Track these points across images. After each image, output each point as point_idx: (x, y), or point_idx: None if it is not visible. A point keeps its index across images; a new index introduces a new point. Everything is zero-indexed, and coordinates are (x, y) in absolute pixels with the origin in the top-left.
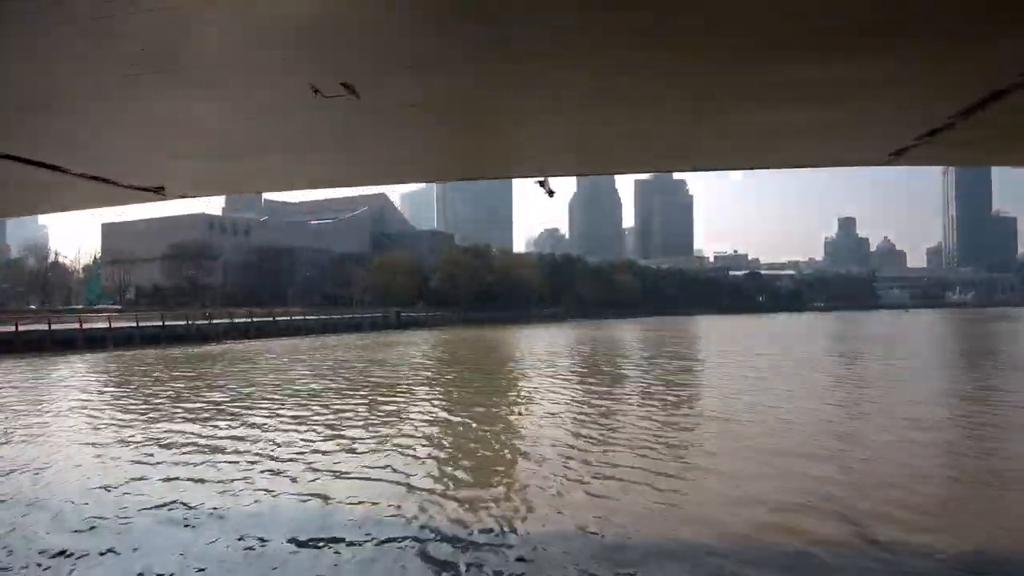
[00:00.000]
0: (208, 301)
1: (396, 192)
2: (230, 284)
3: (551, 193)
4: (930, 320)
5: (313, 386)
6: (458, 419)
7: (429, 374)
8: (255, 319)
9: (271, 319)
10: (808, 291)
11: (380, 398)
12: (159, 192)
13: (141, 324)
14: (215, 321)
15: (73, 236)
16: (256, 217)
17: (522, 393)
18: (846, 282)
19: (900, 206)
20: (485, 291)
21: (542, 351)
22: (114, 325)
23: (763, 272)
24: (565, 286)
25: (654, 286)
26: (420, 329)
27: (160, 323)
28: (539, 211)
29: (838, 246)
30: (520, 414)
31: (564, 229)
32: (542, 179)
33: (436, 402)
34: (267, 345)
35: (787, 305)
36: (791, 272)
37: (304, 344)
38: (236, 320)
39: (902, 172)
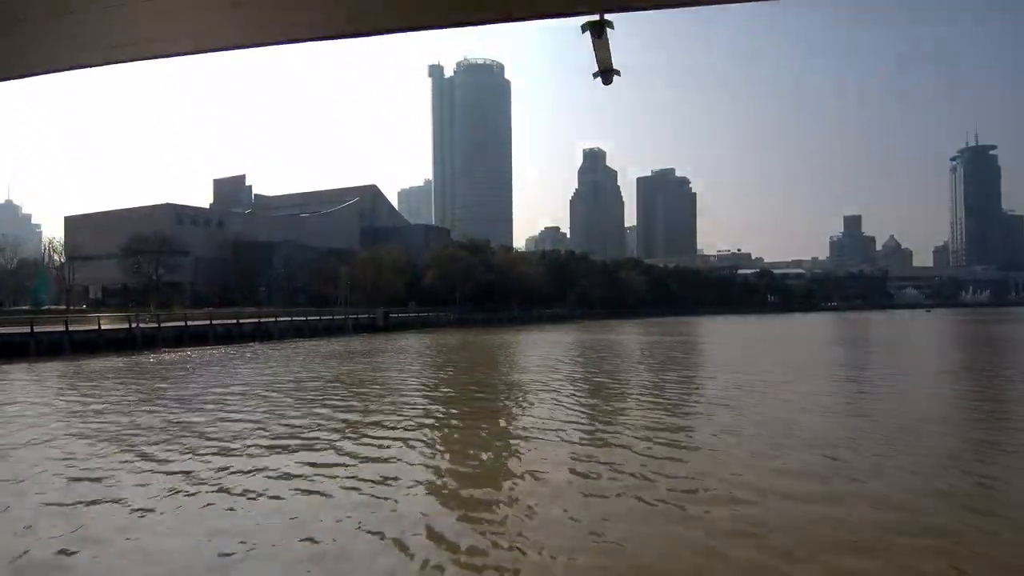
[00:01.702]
0: (171, 301)
1: (392, 190)
2: (201, 282)
3: (608, 77)
4: (967, 322)
5: (204, 436)
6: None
7: (398, 416)
8: (215, 322)
9: (235, 322)
10: (820, 290)
11: (299, 468)
12: None
13: (72, 329)
14: (167, 324)
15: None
16: (242, 212)
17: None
18: (858, 281)
19: (905, 204)
20: (483, 290)
21: (549, 367)
22: (43, 330)
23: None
24: (569, 285)
25: (661, 285)
26: (410, 332)
27: (96, 327)
28: (539, 211)
29: (843, 245)
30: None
31: (565, 228)
32: (597, 18)
33: (390, 485)
34: (218, 353)
35: (799, 305)
36: (799, 271)
37: (271, 353)
38: (192, 323)
39: (912, 169)
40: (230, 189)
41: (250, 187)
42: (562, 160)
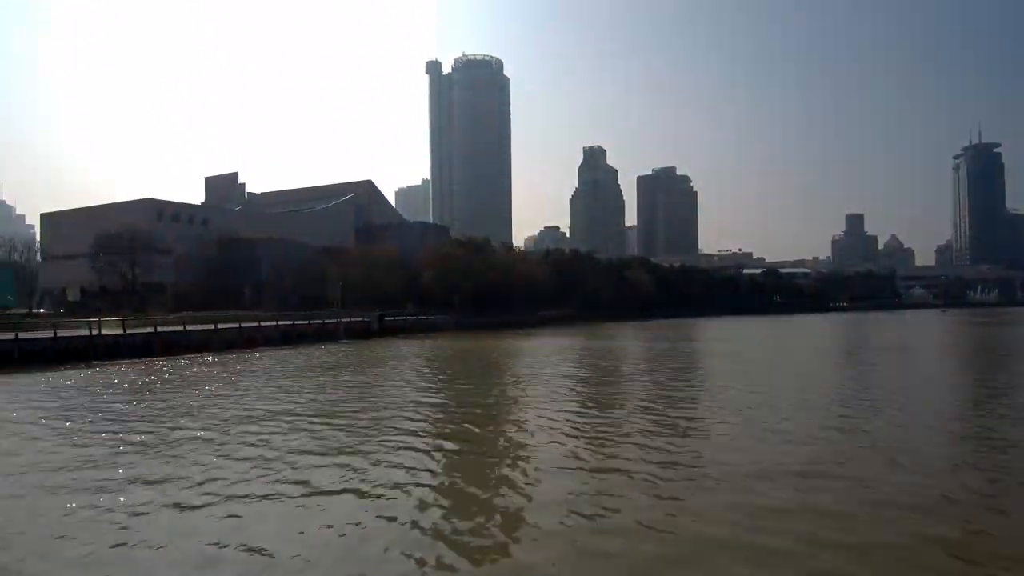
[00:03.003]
0: (150, 303)
1: (390, 189)
2: (184, 283)
3: None
4: (1001, 324)
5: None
6: None
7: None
8: (188, 327)
9: (212, 327)
10: (827, 290)
11: None
12: None
13: (23, 336)
14: (132, 332)
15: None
16: (230, 209)
17: None
18: (866, 281)
19: (906, 203)
20: (483, 290)
21: (581, 385)
22: None
23: (779, 270)
24: (572, 285)
25: (668, 285)
26: (406, 337)
27: (52, 335)
28: (538, 210)
29: (845, 244)
30: None
31: (564, 227)
32: None
33: None
34: (169, 366)
35: (807, 305)
36: (805, 271)
37: (241, 366)
38: (162, 329)
39: (914, 168)
40: (223, 187)
41: (243, 185)
42: (561, 158)
